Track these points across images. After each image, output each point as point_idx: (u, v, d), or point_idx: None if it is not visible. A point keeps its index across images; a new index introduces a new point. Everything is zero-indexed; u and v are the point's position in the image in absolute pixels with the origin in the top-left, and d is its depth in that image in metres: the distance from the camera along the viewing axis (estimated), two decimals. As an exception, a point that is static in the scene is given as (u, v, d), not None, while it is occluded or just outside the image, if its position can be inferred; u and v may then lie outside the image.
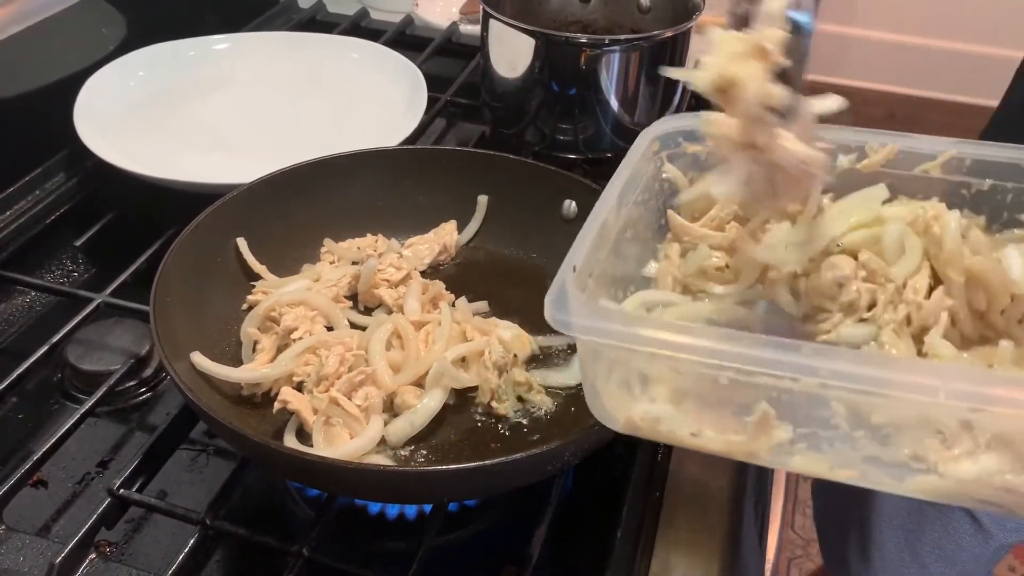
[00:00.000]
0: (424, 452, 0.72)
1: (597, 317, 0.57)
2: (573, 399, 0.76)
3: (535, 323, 0.79)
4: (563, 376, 0.79)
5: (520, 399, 0.76)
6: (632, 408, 0.60)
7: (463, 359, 0.76)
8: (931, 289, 0.65)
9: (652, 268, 0.73)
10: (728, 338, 0.54)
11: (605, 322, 0.56)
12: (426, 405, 0.72)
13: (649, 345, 0.55)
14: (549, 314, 0.58)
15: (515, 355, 0.78)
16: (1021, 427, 0.52)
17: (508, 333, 0.80)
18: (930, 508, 1.23)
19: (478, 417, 0.75)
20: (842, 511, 1.41)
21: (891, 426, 0.55)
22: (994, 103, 1.54)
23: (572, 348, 0.80)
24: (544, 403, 0.76)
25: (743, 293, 0.72)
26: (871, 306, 0.66)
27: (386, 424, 0.72)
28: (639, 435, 0.61)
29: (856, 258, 0.67)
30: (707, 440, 0.59)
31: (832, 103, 0.63)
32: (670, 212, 0.75)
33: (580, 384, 0.77)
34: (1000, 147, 0.69)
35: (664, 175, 0.75)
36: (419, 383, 0.75)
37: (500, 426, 0.74)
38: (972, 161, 0.70)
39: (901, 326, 0.64)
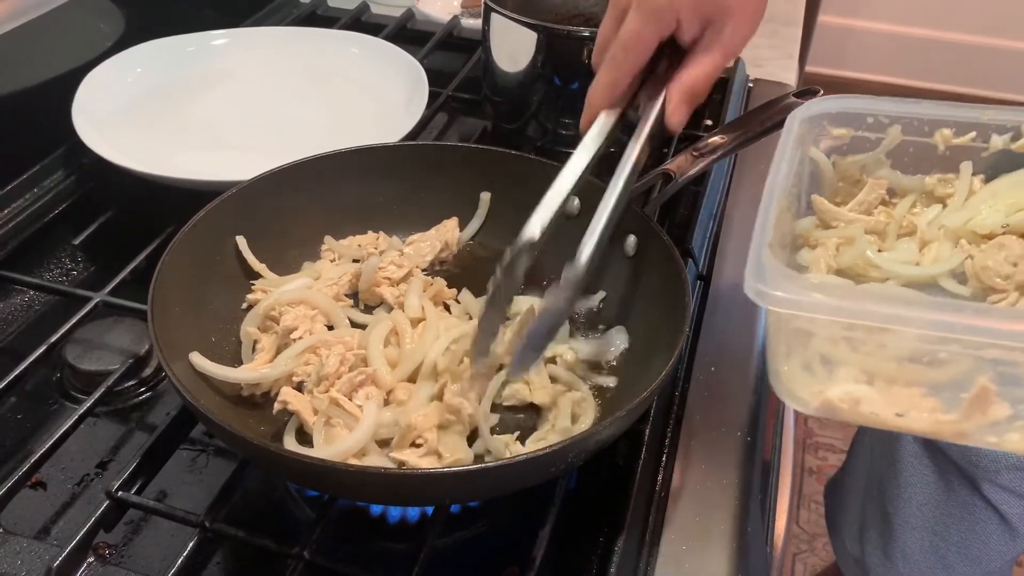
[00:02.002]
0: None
1: (807, 290, 0.55)
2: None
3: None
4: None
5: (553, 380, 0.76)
6: (829, 389, 0.59)
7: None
8: None
9: (804, 256, 0.72)
10: (957, 309, 0.54)
11: (818, 295, 0.55)
12: (414, 401, 0.72)
13: (873, 319, 0.54)
14: (751, 287, 0.56)
15: None
16: None
17: (527, 304, 0.81)
18: (957, 509, 1.22)
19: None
20: (860, 510, 1.39)
21: None
22: (997, 94, 1.53)
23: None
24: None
25: (908, 278, 0.71)
26: None
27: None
28: (836, 417, 0.60)
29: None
30: (913, 420, 0.58)
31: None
32: (816, 197, 0.74)
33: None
34: None
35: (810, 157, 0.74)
36: (414, 378, 0.74)
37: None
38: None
39: None
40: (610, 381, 0.77)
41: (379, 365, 0.74)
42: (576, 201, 0.87)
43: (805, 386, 0.60)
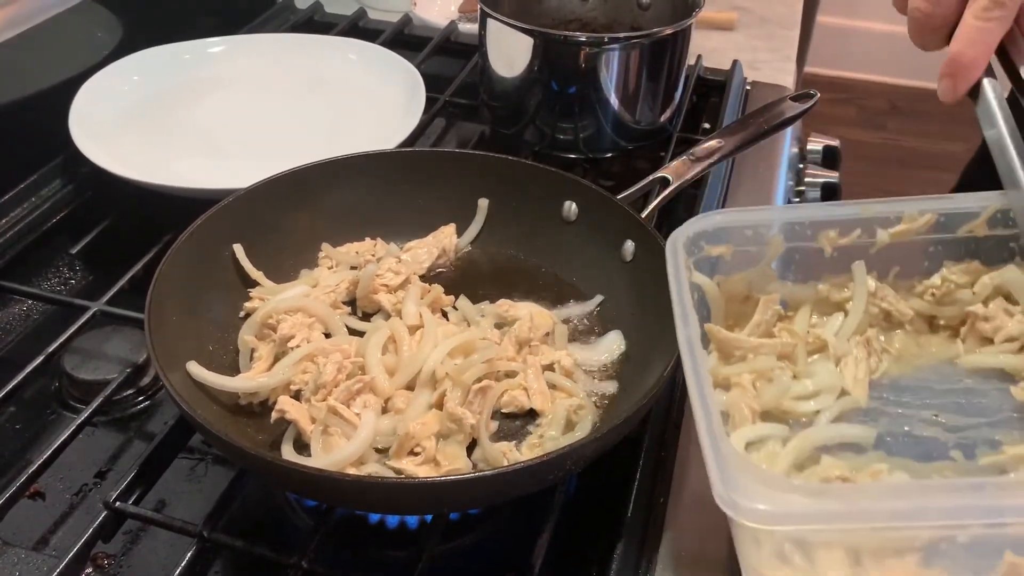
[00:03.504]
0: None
1: (805, 497, 0.48)
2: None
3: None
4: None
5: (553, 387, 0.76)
6: None
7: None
8: None
9: (720, 398, 0.65)
10: (989, 488, 0.49)
11: (821, 502, 0.48)
12: (412, 409, 0.72)
13: (895, 519, 0.48)
14: (726, 499, 0.48)
15: (546, 334, 0.80)
16: None
17: (525, 310, 0.81)
18: None
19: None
20: None
21: None
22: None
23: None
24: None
25: (837, 406, 0.67)
26: None
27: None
28: None
29: None
30: None
31: None
32: (711, 327, 0.68)
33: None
34: None
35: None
36: (411, 386, 0.74)
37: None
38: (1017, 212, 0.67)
39: None
40: (610, 387, 0.77)
41: (377, 373, 0.74)
42: (574, 206, 0.87)
43: None
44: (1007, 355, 0.69)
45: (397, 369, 0.75)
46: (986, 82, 0.68)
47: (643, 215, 0.83)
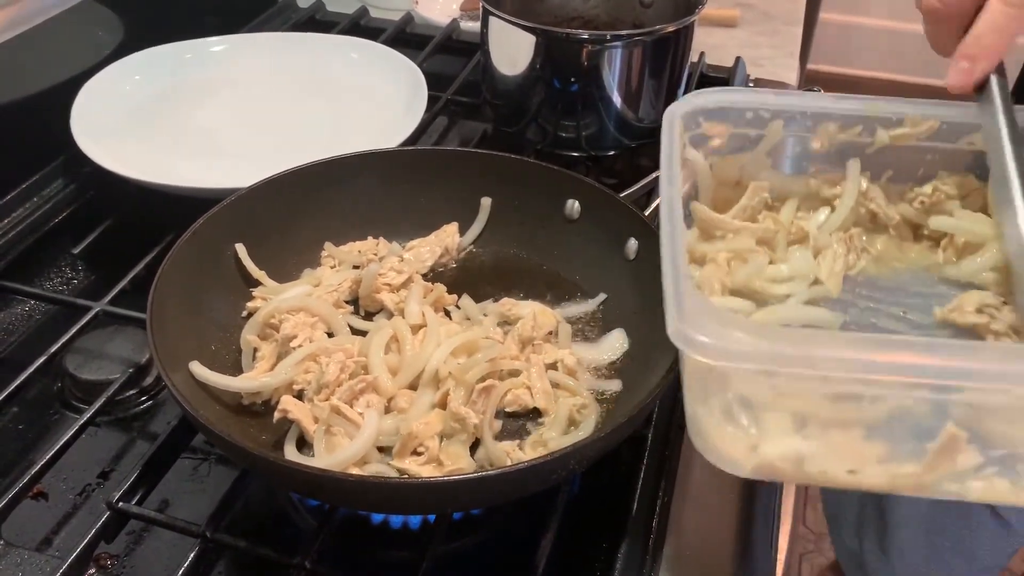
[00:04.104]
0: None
1: (758, 337, 0.47)
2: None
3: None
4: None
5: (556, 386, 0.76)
6: (764, 446, 0.51)
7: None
8: None
9: (692, 274, 0.64)
10: (942, 349, 0.47)
11: (773, 343, 0.46)
12: (415, 408, 0.72)
13: (844, 368, 0.46)
14: (677, 332, 0.48)
15: (549, 333, 0.79)
16: None
17: (528, 309, 0.80)
18: (954, 506, 1.22)
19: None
20: (857, 508, 1.39)
21: None
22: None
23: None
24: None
25: (808, 292, 0.67)
26: None
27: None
28: (777, 479, 0.54)
29: None
30: (866, 476, 0.51)
31: None
32: (696, 205, 0.68)
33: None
34: None
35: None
36: (414, 386, 0.74)
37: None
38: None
39: None
40: (613, 385, 0.77)
41: (380, 372, 0.73)
42: (576, 204, 0.87)
43: (734, 442, 0.52)
44: (983, 271, 0.68)
45: (400, 368, 0.74)
46: (993, 77, 0.67)
47: (646, 213, 0.82)
